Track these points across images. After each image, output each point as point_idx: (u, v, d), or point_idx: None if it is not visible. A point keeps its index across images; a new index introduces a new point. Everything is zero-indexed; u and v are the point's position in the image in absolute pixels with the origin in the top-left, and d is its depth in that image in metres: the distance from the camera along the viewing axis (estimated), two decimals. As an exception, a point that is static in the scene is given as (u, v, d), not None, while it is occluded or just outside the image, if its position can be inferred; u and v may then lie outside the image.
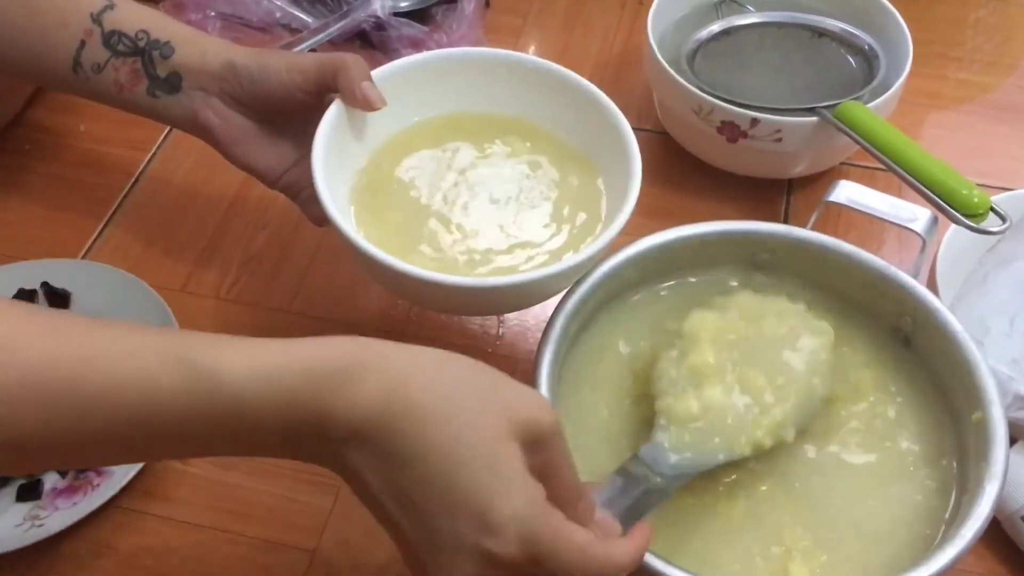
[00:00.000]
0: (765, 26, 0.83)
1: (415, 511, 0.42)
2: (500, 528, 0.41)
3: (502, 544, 0.41)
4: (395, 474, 0.42)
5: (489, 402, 0.43)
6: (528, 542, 0.41)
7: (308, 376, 0.42)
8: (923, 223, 0.62)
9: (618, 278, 0.60)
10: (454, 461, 0.41)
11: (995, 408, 0.53)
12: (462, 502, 0.41)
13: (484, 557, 0.41)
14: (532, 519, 0.42)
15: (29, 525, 0.60)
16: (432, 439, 0.41)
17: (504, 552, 0.41)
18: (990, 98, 0.90)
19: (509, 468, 0.42)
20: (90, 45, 0.64)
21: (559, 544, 0.42)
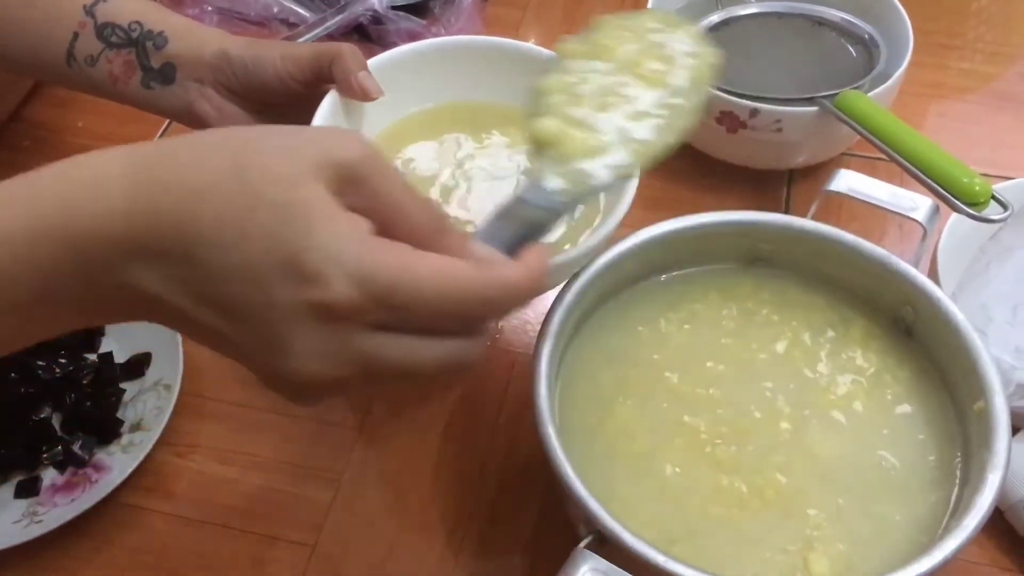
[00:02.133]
0: (765, 16, 0.83)
1: (227, 307, 0.36)
2: (317, 271, 0.34)
3: (329, 290, 0.34)
4: (188, 273, 0.35)
5: (271, 152, 0.36)
6: (363, 279, 0.35)
7: (39, 204, 0.36)
8: (924, 212, 0.61)
9: (617, 270, 0.60)
10: (243, 227, 0.34)
11: (997, 397, 0.53)
12: (264, 265, 0.34)
13: (317, 314, 0.35)
14: (355, 250, 0.35)
15: (28, 521, 0.60)
16: (210, 213, 0.35)
17: (336, 298, 0.34)
18: (992, 87, 0.90)
19: (309, 207, 0.35)
20: (83, 37, 0.64)
21: (410, 273, 0.35)
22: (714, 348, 0.60)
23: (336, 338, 0.35)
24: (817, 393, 0.57)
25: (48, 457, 0.63)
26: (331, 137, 0.37)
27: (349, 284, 0.35)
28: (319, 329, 0.35)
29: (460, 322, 0.38)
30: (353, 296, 0.35)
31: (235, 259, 0.35)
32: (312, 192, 0.35)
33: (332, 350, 0.35)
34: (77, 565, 0.61)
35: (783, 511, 0.53)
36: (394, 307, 0.35)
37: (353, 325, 0.35)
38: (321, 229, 0.35)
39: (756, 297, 0.62)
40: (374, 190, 0.37)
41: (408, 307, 0.35)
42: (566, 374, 0.58)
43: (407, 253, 0.36)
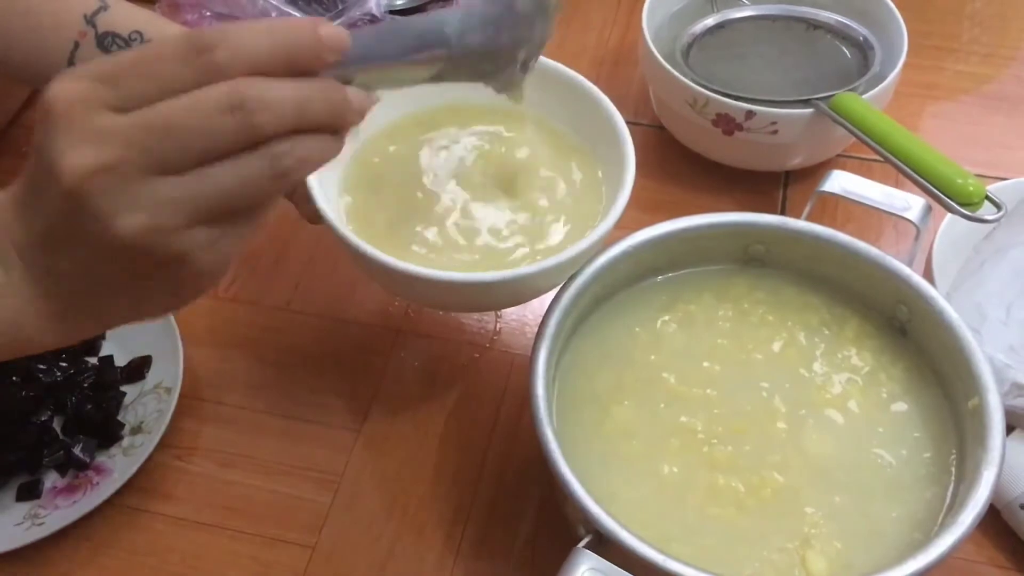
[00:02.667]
0: (760, 19, 0.83)
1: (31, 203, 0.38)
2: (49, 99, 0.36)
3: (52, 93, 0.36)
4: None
5: None
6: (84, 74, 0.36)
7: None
8: (917, 212, 0.62)
9: (614, 272, 0.60)
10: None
11: (991, 395, 0.53)
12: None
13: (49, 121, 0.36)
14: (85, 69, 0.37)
15: (29, 524, 0.61)
16: None
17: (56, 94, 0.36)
18: (986, 89, 0.90)
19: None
20: (84, 47, 0.64)
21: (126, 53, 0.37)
22: (710, 348, 0.60)
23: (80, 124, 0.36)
24: (813, 392, 0.58)
25: (49, 460, 0.64)
26: None
27: (71, 80, 0.36)
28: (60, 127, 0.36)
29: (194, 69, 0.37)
30: (75, 86, 0.36)
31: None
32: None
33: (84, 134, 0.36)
34: (78, 567, 0.61)
35: (780, 510, 0.54)
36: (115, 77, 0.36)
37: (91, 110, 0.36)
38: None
39: (751, 297, 0.63)
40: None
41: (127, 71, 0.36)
42: (564, 375, 0.59)
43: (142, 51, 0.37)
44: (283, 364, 0.71)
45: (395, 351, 0.71)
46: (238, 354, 0.71)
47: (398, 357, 0.71)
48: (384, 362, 0.71)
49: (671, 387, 0.58)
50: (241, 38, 0.37)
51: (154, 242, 0.37)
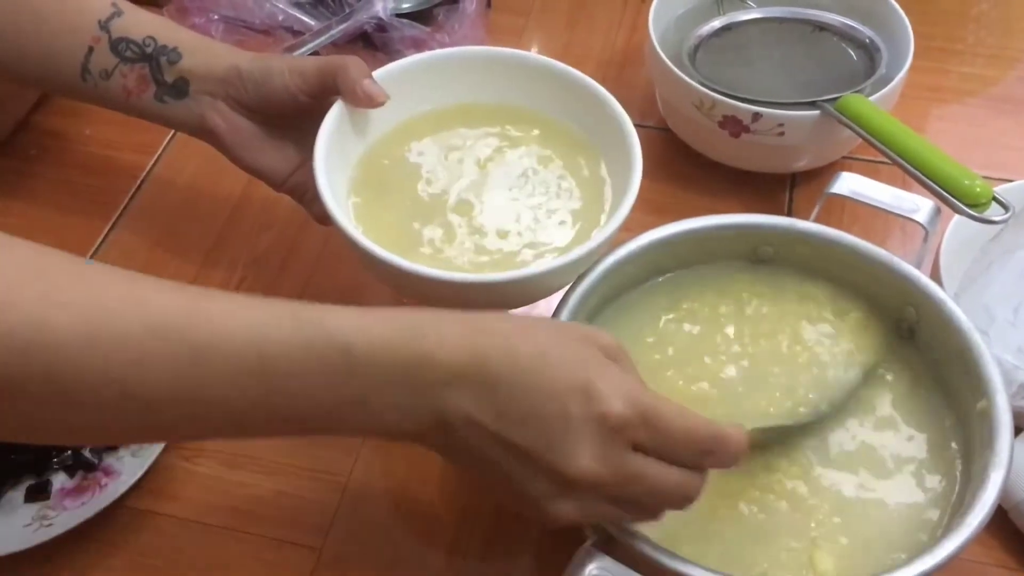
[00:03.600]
0: (766, 21, 0.83)
1: (523, 420, 0.44)
2: (605, 392, 0.44)
3: (611, 405, 0.44)
4: (493, 395, 0.44)
5: (557, 326, 0.49)
6: (635, 404, 0.44)
7: (399, 329, 0.44)
8: (925, 213, 0.62)
9: (621, 273, 0.60)
10: (545, 361, 0.45)
11: (1000, 397, 0.53)
12: (563, 386, 0.44)
13: (598, 422, 0.44)
14: (635, 388, 0.45)
15: (38, 525, 0.61)
16: (519, 352, 0.45)
17: (615, 411, 0.44)
18: (992, 91, 0.90)
19: (596, 357, 0.46)
20: (98, 52, 0.65)
21: (667, 408, 0.45)
22: (716, 349, 0.60)
23: (610, 445, 0.44)
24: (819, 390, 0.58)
25: (58, 461, 0.64)
26: (594, 329, 0.50)
27: (625, 403, 0.44)
28: (600, 435, 0.44)
29: (694, 455, 0.46)
30: (628, 413, 0.44)
31: (538, 384, 0.44)
32: (593, 350, 0.47)
33: (606, 456, 0.44)
34: (86, 568, 0.61)
35: (788, 508, 0.54)
36: (652, 426, 0.45)
37: (623, 439, 0.44)
38: (607, 369, 0.46)
39: (757, 298, 0.63)
40: (627, 366, 0.48)
41: (664, 431, 0.45)
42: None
43: (662, 397, 0.46)
44: (290, 366, 0.70)
45: (402, 353, 0.71)
46: (245, 356, 0.71)
47: (405, 359, 0.71)
48: (391, 364, 0.71)
49: (678, 388, 0.59)
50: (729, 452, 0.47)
51: (585, 490, 0.45)
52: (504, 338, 0.45)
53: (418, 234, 0.62)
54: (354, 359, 0.43)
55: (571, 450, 0.44)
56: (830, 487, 0.54)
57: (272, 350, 0.42)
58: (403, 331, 0.44)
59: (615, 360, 0.47)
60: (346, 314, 0.45)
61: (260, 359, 0.42)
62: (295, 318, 0.43)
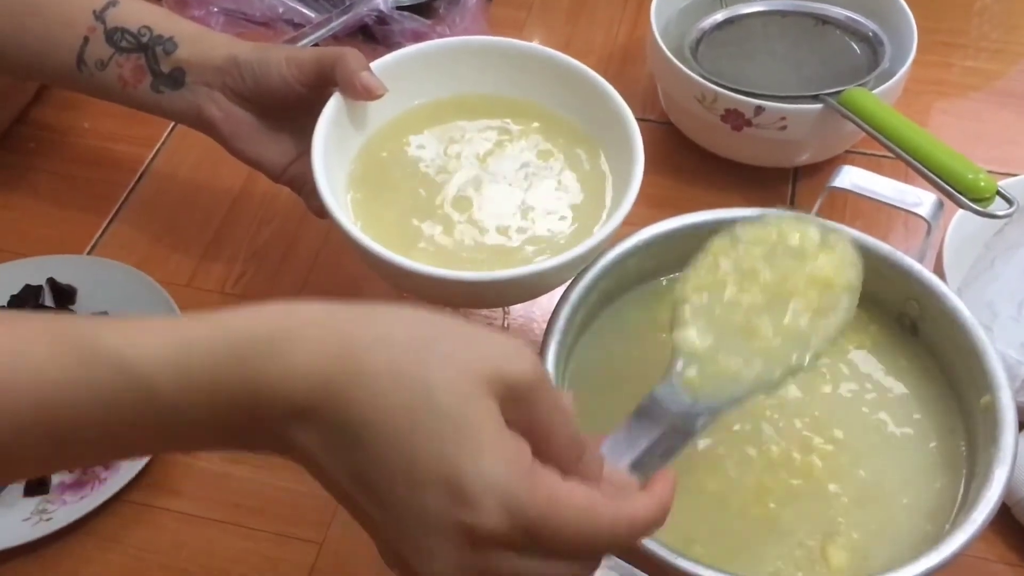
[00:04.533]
0: (769, 14, 0.83)
1: (378, 493, 0.37)
2: (476, 498, 0.35)
3: (482, 516, 0.36)
4: (350, 453, 0.37)
5: (452, 357, 0.37)
6: (515, 511, 0.36)
7: (230, 350, 0.36)
8: (928, 207, 0.62)
9: (622, 268, 0.60)
10: (413, 427, 0.36)
11: (1004, 392, 0.53)
12: (427, 473, 0.36)
13: (464, 535, 0.36)
14: (515, 483, 0.36)
15: (37, 519, 0.61)
16: (384, 404, 0.36)
17: (486, 525, 0.36)
18: (996, 85, 0.90)
19: (481, 427, 0.36)
20: (93, 42, 0.64)
21: (556, 509, 0.37)
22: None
23: (475, 558, 0.37)
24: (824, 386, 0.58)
25: (57, 456, 0.63)
26: (510, 354, 0.38)
27: (501, 514, 0.36)
28: (462, 547, 0.36)
29: (588, 551, 0.39)
30: (503, 526, 0.36)
31: (399, 455, 0.36)
32: (484, 409, 0.36)
33: (471, 565, 0.37)
34: (86, 563, 0.61)
35: (800, 503, 0.53)
36: (536, 538, 0.37)
37: (493, 548, 0.37)
38: (488, 455, 0.36)
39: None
40: (535, 410, 0.38)
41: (549, 539, 0.37)
42: (572, 373, 0.58)
43: (556, 487, 0.37)
44: (290, 360, 0.70)
45: (403, 347, 0.71)
46: (245, 350, 0.71)
47: (406, 353, 0.71)
48: (392, 358, 0.70)
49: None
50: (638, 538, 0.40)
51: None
52: (373, 371, 0.36)
53: (417, 229, 0.62)
54: (161, 404, 0.36)
55: (425, 554, 0.37)
56: (840, 484, 0.54)
57: (57, 396, 0.36)
58: (230, 360, 0.36)
59: (523, 403, 0.38)
60: (153, 338, 0.36)
61: (45, 411, 0.36)
62: (82, 351, 0.36)
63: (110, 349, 0.36)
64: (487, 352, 0.38)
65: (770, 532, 0.53)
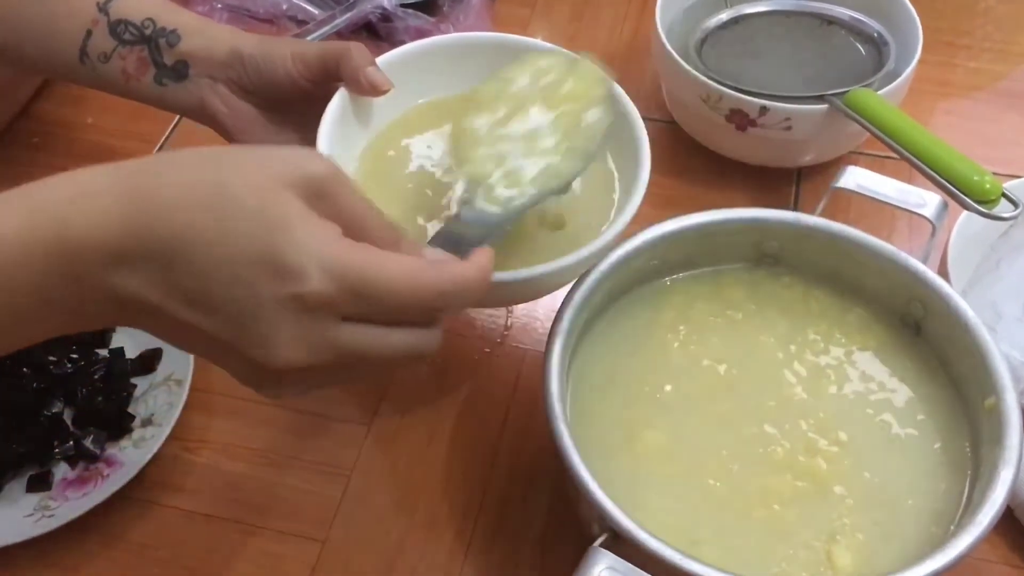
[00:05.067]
0: (774, 14, 0.83)
1: (209, 301, 0.38)
2: (297, 266, 0.37)
3: (306, 282, 0.37)
4: (170, 274, 0.38)
5: (245, 162, 0.39)
6: (337, 273, 0.38)
7: (31, 215, 0.38)
8: (932, 208, 0.61)
9: (626, 268, 0.60)
10: (219, 224, 0.37)
11: (1008, 394, 0.53)
12: (244, 260, 0.37)
13: (295, 306, 0.38)
14: (332, 248, 0.38)
15: (40, 516, 0.60)
16: (185, 213, 0.38)
17: (313, 289, 0.38)
18: (1000, 86, 0.90)
19: (286, 210, 0.38)
20: (96, 34, 0.64)
21: (378, 269, 0.39)
22: (722, 345, 0.60)
23: (313, 327, 0.38)
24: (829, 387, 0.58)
25: (60, 452, 0.63)
26: (301, 155, 0.41)
27: (325, 278, 0.38)
28: (299, 319, 0.38)
29: (420, 313, 0.41)
30: (329, 288, 0.38)
31: (218, 258, 0.37)
32: (287, 199, 0.38)
33: (310, 338, 0.39)
34: (88, 559, 0.61)
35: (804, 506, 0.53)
36: (364, 298, 0.39)
37: (328, 316, 0.39)
38: (298, 229, 0.38)
39: (764, 295, 0.62)
40: (339, 203, 0.40)
41: (377, 299, 0.39)
42: (576, 372, 0.58)
43: (375, 251, 0.40)
44: (293, 357, 0.70)
45: (406, 345, 0.71)
46: (248, 347, 0.71)
47: (409, 351, 0.71)
48: (395, 356, 0.70)
49: (686, 384, 0.58)
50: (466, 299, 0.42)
51: (296, 379, 0.40)
52: (171, 194, 0.38)
53: (423, 229, 0.62)
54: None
55: (267, 340, 0.38)
56: (845, 486, 0.54)
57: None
58: (38, 219, 0.38)
59: (325, 198, 0.40)
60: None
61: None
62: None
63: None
64: (279, 156, 0.40)
65: (775, 533, 0.53)
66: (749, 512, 0.53)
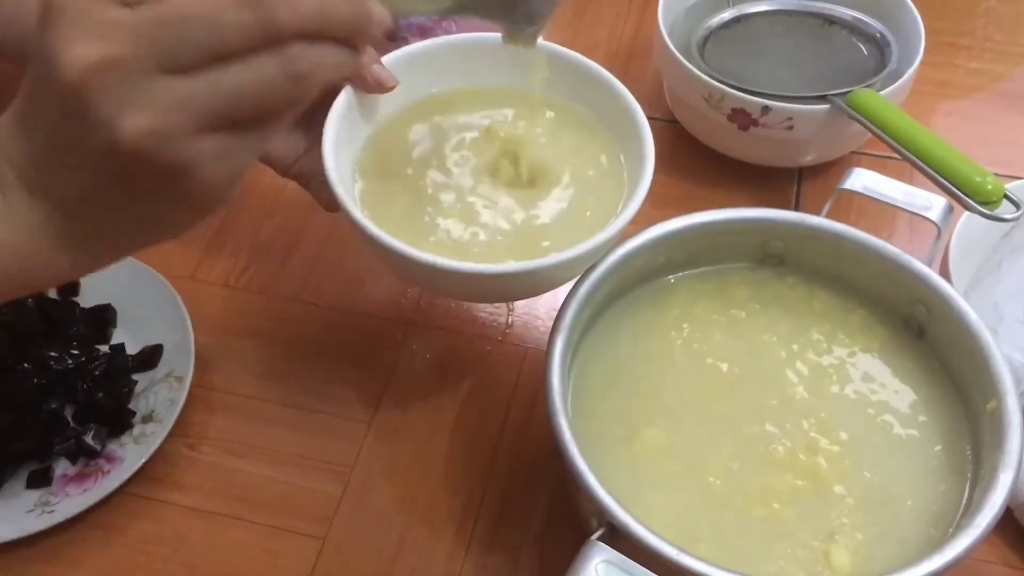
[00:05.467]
0: (776, 14, 0.83)
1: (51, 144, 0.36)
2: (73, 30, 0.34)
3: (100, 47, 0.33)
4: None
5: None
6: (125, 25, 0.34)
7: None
8: (938, 211, 0.62)
9: (629, 267, 0.60)
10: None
11: (1010, 398, 0.53)
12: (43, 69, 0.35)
13: (98, 70, 0.34)
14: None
15: (40, 512, 0.60)
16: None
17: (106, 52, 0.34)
18: (1002, 87, 0.90)
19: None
20: None
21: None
22: (724, 345, 0.60)
23: (132, 82, 0.34)
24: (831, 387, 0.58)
25: (60, 448, 0.63)
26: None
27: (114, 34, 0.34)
28: (113, 85, 0.34)
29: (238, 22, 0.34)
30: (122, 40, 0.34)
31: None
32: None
33: (139, 95, 0.34)
34: (88, 555, 0.61)
35: (802, 506, 0.53)
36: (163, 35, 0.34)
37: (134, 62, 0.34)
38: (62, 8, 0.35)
39: (766, 295, 0.62)
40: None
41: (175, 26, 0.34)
42: (578, 369, 0.58)
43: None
44: (294, 355, 0.70)
45: (406, 343, 0.71)
46: (249, 344, 0.71)
47: (409, 349, 0.71)
48: (395, 354, 0.70)
49: (687, 382, 0.58)
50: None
51: (157, 147, 0.35)
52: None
53: (427, 221, 0.62)
54: None
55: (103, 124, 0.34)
56: (845, 486, 0.54)
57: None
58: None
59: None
60: None
61: None
62: None
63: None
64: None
65: (774, 532, 0.53)
66: (748, 510, 0.53)
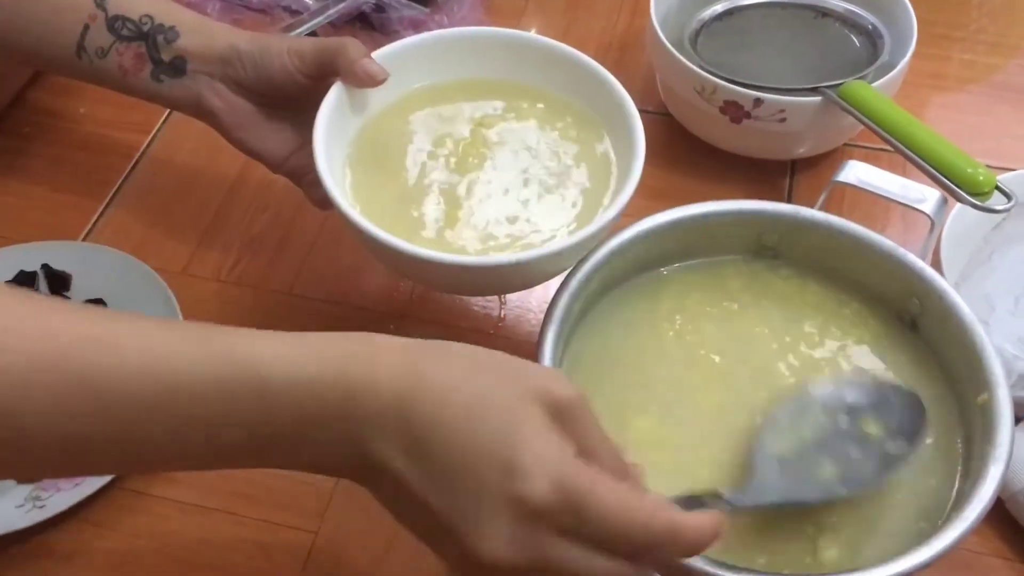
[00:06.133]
0: (768, 6, 0.83)
1: (440, 480, 0.40)
2: (528, 469, 0.39)
3: (533, 485, 0.39)
4: (419, 449, 0.40)
5: (505, 372, 0.42)
6: (563, 487, 0.39)
7: (325, 361, 0.41)
8: (932, 204, 0.62)
9: (621, 259, 0.60)
10: (474, 420, 0.40)
11: (1001, 391, 0.53)
12: (483, 453, 0.40)
13: (515, 504, 0.39)
14: (565, 461, 0.40)
15: (31, 506, 0.60)
16: (447, 409, 0.41)
17: (536, 495, 0.39)
18: (995, 79, 0.90)
19: (531, 421, 0.40)
20: (94, 29, 0.64)
21: (601, 492, 0.39)
22: (716, 337, 0.60)
23: (528, 531, 0.39)
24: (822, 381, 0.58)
25: (51, 443, 0.63)
26: (552, 376, 0.43)
27: (550, 486, 0.39)
28: (517, 520, 0.39)
29: (630, 547, 0.40)
30: (551, 497, 0.39)
31: (462, 445, 0.40)
32: (533, 412, 0.41)
33: (522, 541, 0.39)
34: (80, 550, 0.61)
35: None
36: (581, 515, 0.39)
37: (544, 524, 0.39)
38: (537, 437, 0.40)
39: (761, 286, 0.62)
40: (578, 426, 0.42)
41: (593, 519, 0.39)
42: (571, 359, 0.58)
43: (602, 475, 0.40)
44: (286, 349, 0.70)
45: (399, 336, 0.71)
46: (241, 338, 0.70)
47: (402, 343, 0.71)
48: (388, 348, 0.70)
49: (679, 376, 0.58)
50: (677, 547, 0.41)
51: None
52: (439, 383, 0.41)
53: (418, 214, 0.62)
54: (270, 393, 0.41)
55: (484, 529, 0.39)
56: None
57: (176, 382, 0.40)
58: (330, 363, 0.41)
59: (567, 420, 0.42)
60: (265, 342, 0.42)
61: (160, 394, 0.40)
62: (204, 342, 0.41)
63: (224, 347, 0.41)
64: (533, 373, 0.43)
65: (760, 525, 0.53)
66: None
